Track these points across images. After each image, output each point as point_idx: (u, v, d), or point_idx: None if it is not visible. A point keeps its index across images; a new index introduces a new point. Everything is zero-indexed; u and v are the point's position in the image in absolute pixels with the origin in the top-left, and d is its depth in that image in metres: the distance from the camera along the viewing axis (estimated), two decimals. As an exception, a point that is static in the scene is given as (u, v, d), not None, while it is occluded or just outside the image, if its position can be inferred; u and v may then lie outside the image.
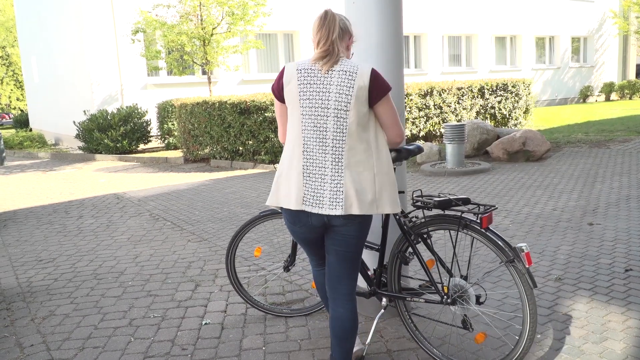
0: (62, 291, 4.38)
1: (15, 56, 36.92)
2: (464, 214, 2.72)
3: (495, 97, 13.46)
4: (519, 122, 14.13)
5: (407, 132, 11.75)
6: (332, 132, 2.44)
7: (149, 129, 14.12)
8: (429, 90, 12.11)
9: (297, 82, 2.46)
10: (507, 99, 13.74)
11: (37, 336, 3.57)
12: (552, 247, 4.81)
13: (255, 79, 16.51)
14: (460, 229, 2.72)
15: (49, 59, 18.18)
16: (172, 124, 13.63)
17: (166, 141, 14.04)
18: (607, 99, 25.31)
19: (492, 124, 13.25)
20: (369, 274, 3.15)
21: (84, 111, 14.36)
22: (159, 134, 14.45)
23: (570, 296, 3.75)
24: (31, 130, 22.09)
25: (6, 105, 40.90)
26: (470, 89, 12.93)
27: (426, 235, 2.89)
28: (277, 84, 2.54)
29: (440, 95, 12.30)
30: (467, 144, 9.82)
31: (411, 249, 2.92)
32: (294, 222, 2.58)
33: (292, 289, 4.21)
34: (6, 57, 38.13)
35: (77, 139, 14.35)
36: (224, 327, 3.57)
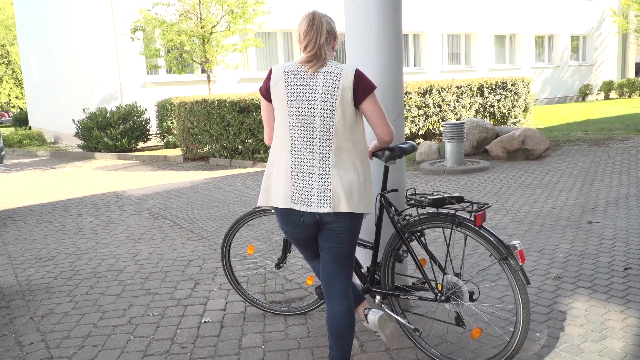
0: (62, 289, 4.38)
1: (14, 54, 36.88)
2: (457, 212, 2.73)
3: (494, 96, 13.46)
4: (518, 121, 14.13)
5: (407, 131, 11.76)
6: (319, 131, 2.50)
7: (148, 128, 14.11)
8: (428, 88, 12.10)
9: (285, 83, 2.52)
10: (506, 97, 13.74)
11: (36, 334, 3.57)
12: (551, 245, 4.81)
13: (254, 77, 16.49)
14: (454, 227, 2.73)
15: (48, 57, 18.16)
16: (172, 123, 13.63)
17: (165, 139, 14.03)
18: (607, 98, 25.30)
19: (492, 123, 13.25)
20: (363, 271, 3.19)
21: (84, 109, 14.34)
22: (158, 132, 14.44)
23: (569, 294, 3.76)
24: (30, 128, 22.06)
25: (5, 103, 40.87)
26: (469, 87, 12.92)
27: (420, 233, 2.91)
28: (264, 85, 2.60)
29: (439, 93, 12.30)
30: (466, 143, 9.82)
31: (405, 247, 2.94)
32: (287, 222, 2.63)
33: (291, 287, 4.21)
34: (6, 55, 38.10)
35: (77, 137, 14.34)
36: (223, 326, 3.57)
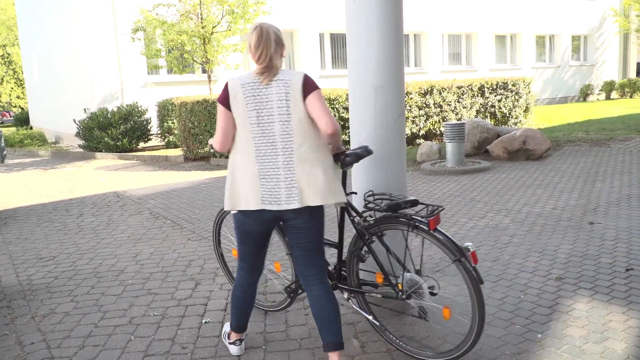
0: (63, 289, 4.38)
1: (16, 55, 36.92)
2: (414, 216, 2.84)
3: (495, 96, 13.45)
4: (519, 121, 14.13)
5: (408, 131, 11.75)
6: (280, 135, 2.71)
7: (149, 128, 14.11)
8: (429, 88, 12.10)
9: (243, 95, 2.72)
10: (507, 97, 13.74)
11: (37, 334, 3.57)
12: (553, 246, 4.80)
13: (255, 77, 16.46)
14: (409, 229, 2.85)
15: (49, 57, 18.16)
16: (172, 123, 13.62)
17: (166, 139, 14.02)
18: (608, 98, 25.28)
19: (492, 123, 13.24)
20: (330, 269, 3.29)
21: (85, 109, 14.34)
22: (159, 132, 14.44)
23: (570, 296, 3.75)
24: (32, 128, 22.07)
25: (7, 103, 40.89)
26: (470, 87, 12.92)
27: (381, 234, 3.01)
28: (223, 96, 2.77)
29: (440, 93, 12.29)
30: (467, 143, 9.81)
31: (366, 247, 3.05)
32: (255, 222, 2.82)
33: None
34: (7, 55, 38.13)
35: (78, 137, 14.34)
36: (224, 326, 3.57)
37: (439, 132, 12.40)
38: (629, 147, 10.07)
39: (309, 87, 2.71)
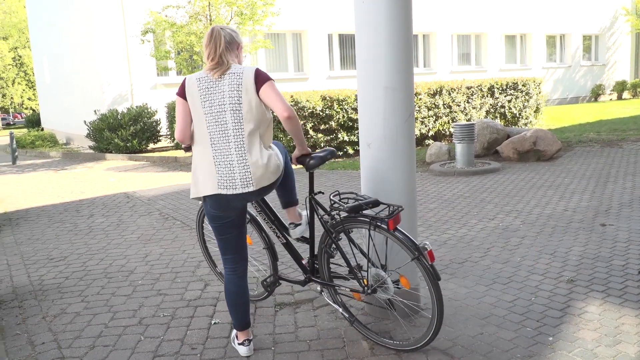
0: (73, 289, 4.40)
1: (27, 57, 37.24)
2: (376, 215, 2.99)
3: (505, 96, 13.39)
4: (529, 122, 14.05)
5: (417, 132, 11.72)
6: (231, 123, 2.92)
7: (158, 129, 14.17)
8: (438, 89, 12.06)
9: (197, 88, 2.95)
10: (517, 98, 13.67)
11: (48, 334, 3.58)
12: (564, 248, 4.77)
13: (264, 78, 16.49)
14: (371, 228, 2.99)
15: (60, 59, 18.29)
16: (182, 124, 13.64)
17: (175, 141, 14.06)
18: (619, 98, 25.10)
19: (502, 123, 13.19)
20: (303, 262, 3.50)
21: (95, 111, 14.43)
22: (168, 133, 14.49)
23: (582, 298, 3.72)
24: (43, 129, 22.25)
25: (18, 105, 41.24)
26: (479, 88, 12.87)
27: (349, 230, 3.16)
28: (181, 89, 3.01)
29: (449, 94, 12.25)
30: (476, 144, 9.77)
31: (334, 244, 3.22)
32: (216, 207, 3.00)
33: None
34: (18, 58, 38.46)
35: (88, 138, 14.43)
36: (233, 327, 3.57)
37: (448, 133, 12.36)
38: (640, 147, 9.98)
39: (261, 79, 2.93)
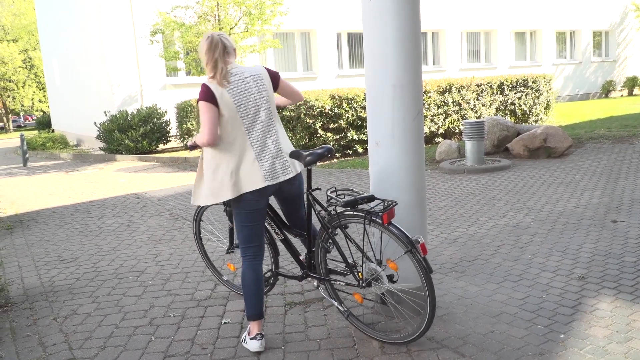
0: (84, 290, 4.42)
1: (37, 59, 37.50)
2: (370, 210, 3.10)
3: (515, 93, 13.31)
4: (539, 118, 13.96)
5: (426, 130, 11.68)
6: (266, 120, 3.21)
7: (168, 129, 14.22)
8: (448, 87, 12.02)
9: (229, 94, 3.11)
10: (527, 94, 13.59)
11: (59, 335, 3.61)
12: (575, 245, 4.73)
13: (273, 78, 16.50)
14: (366, 223, 3.08)
15: (69, 61, 18.40)
16: (191, 124, 13.70)
17: (185, 141, 14.12)
18: (630, 94, 24.89)
19: (512, 121, 13.11)
20: (301, 258, 3.57)
21: (105, 112, 14.50)
22: (178, 134, 14.54)
23: (594, 295, 3.69)
24: (53, 131, 22.40)
25: (29, 107, 41.53)
26: (489, 85, 12.80)
27: (345, 226, 3.26)
28: (209, 95, 3.08)
29: (459, 91, 12.20)
30: (486, 141, 9.72)
31: (330, 239, 3.30)
32: (257, 198, 3.20)
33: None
34: (29, 60, 38.74)
35: (98, 139, 14.51)
36: (243, 327, 3.57)
37: (458, 131, 12.30)
38: (652, 143, 9.89)
39: (276, 75, 3.31)
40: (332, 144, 10.65)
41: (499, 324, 3.36)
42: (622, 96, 24.68)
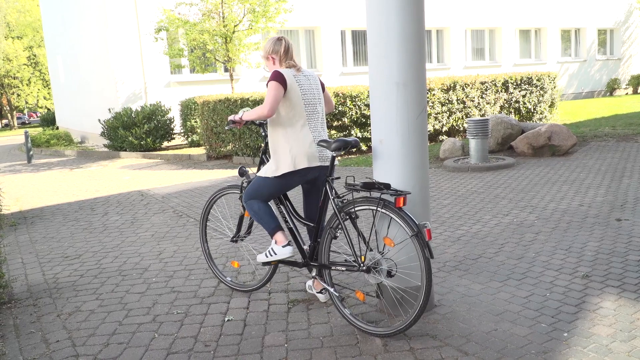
0: (88, 287, 4.43)
1: (42, 56, 37.57)
2: (382, 196, 3.26)
3: (519, 91, 13.27)
4: (544, 116, 13.92)
5: (430, 127, 11.66)
6: (321, 113, 3.70)
7: (172, 127, 14.24)
8: (452, 84, 11.99)
9: (297, 84, 3.56)
10: (531, 92, 13.55)
11: (63, 332, 3.61)
12: (579, 243, 4.72)
13: (277, 75, 16.49)
14: (379, 207, 3.25)
15: (74, 58, 18.43)
16: (195, 121, 13.72)
17: (189, 138, 14.14)
18: (635, 92, 24.79)
19: (517, 119, 13.08)
20: (305, 248, 3.75)
21: (109, 109, 14.53)
22: (182, 131, 14.56)
23: (597, 294, 3.68)
24: (58, 128, 22.45)
25: (33, 104, 41.64)
26: (493, 83, 12.77)
27: (354, 215, 3.41)
28: (282, 79, 3.48)
29: (463, 89, 12.17)
30: (491, 139, 9.70)
31: (340, 225, 3.43)
32: (303, 176, 3.60)
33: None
34: (33, 57, 38.82)
35: (103, 136, 14.54)
36: (246, 324, 3.58)
37: (462, 129, 12.28)
38: (657, 142, 9.85)
39: (322, 83, 3.81)
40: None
41: (503, 322, 3.36)
42: (627, 94, 24.58)
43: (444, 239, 5.10)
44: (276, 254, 3.65)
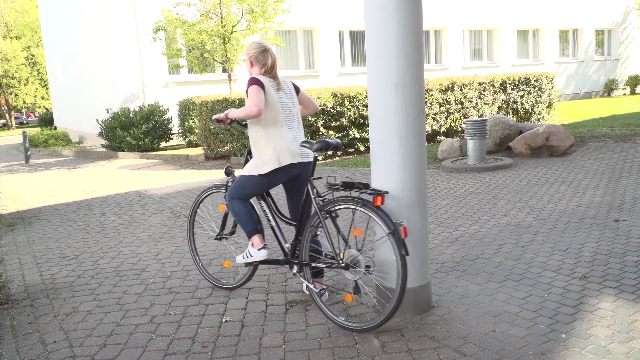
0: (85, 288, 4.42)
1: (40, 56, 37.53)
2: (361, 195, 3.36)
3: (517, 92, 13.29)
4: (542, 117, 13.94)
5: (428, 128, 11.67)
6: (297, 115, 3.83)
7: (170, 127, 14.23)
8: (450, 85, 12.00)
9: (272, 89, 3.71)
10: (529, 93, 13.56)
11: (60, 333, 3.60)
12: (577, 244, 4.72)
13: (275, 75, 16.49)
14: (357, 206, 3.32)
15: (72, 58, 18.41)
16: (193, 122, 13.70)
17: (187, 139, 14.12)
18: (633, 93, 24.84)
19: (515, 119, 13.08)
20: (286, 246, 3.83)
21: (107, 109, 14.51)
22: (180, 131, 14.55)
23: (595, 295, 3.68)
24: (56, 128, 22.41)
25: (31, 104, 41.59)
26: (491, 83, 12.78)
27: (334, 213, 3.52)
28: (261, 83, 3.62)
29: (461, 90, 12.18)
30: (488, 140, 9.70)
31: (321, 223, 3.51)
32: (287, 172, 3.70)
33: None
34: (31, 57, 38.77)
35: (101, 137, 14.51)
36: (244, 325, 3.57)
37: (460, 129, 12.29)
38: (655, 142, 9.86)
39: (297, 87, 3.97)
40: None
41: (500, 323, 3.36)
42: (624, 95, 24.62)
43: (441, 240, 5.10)
44: (252, 256, 3.80)
